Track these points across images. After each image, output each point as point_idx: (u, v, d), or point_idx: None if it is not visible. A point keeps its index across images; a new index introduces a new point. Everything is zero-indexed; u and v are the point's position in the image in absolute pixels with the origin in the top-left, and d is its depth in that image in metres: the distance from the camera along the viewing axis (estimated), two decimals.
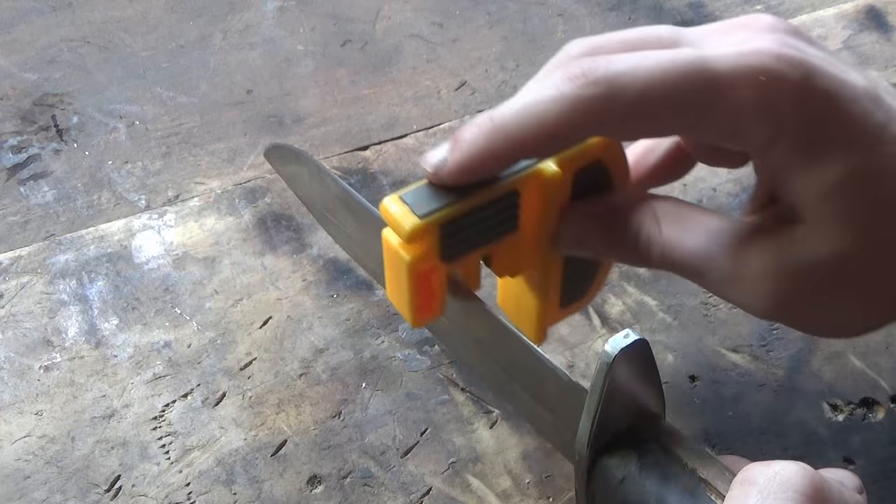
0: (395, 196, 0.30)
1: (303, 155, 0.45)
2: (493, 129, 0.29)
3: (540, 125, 0.28)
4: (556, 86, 0.28)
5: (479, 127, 0.29)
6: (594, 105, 0.27)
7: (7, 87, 0.55)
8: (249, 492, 0.39)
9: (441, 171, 0.29)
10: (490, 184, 0.30)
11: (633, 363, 0.31)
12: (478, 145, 0.29)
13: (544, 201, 0.32)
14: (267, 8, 0.60)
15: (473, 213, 0.30)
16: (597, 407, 0.31)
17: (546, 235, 0.33)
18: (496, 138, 0.29)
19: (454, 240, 0.31)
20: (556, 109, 0.28)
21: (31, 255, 0.47)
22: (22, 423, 0.41)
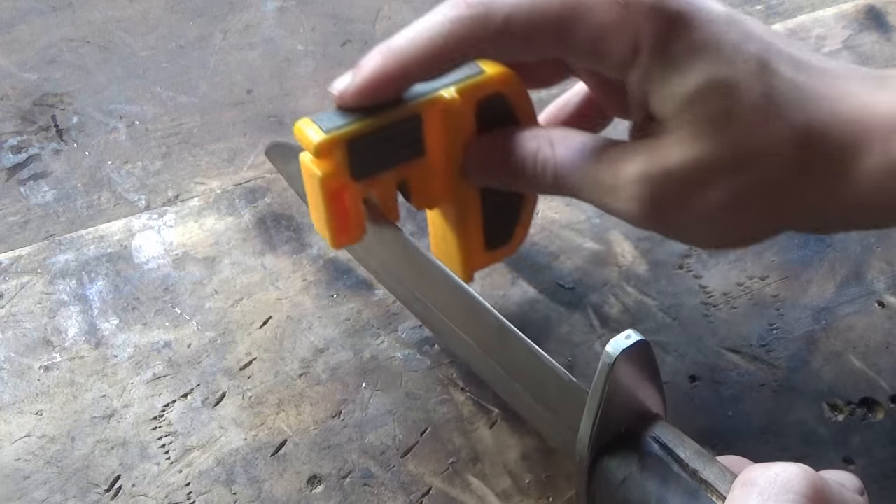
0: (306, 118, 0.33)
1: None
2: (390, 52, 0.33)
3: (427, 45, 0.32)
4: (441, 11, 0.33)
5: (378, 52, 0.33)
6: (471, 24, 0.32)
7: (7, 87, 0.55)
8: (249, 492, 0.39)
9: (345, 94, 0.33)
10: (394, 107, 0.34)
11: (635, 364, 0.31)
12: (375, 68, 0.33)
13: (448, 128, 0.35)
14: (267, 8, 0.60)
15: (378, 133, 0.34)
16: (598, 407, 0.31)
17: (455, 165, 0.36)
18: (391, 61, 0.33)
19: (362, 157, 0.34)
20: (439, 30, 0.32)
21: (31, 255, 0.47)
22: (22, 423, 0.41)
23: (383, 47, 0.33)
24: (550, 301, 0.45)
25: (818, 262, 0.46)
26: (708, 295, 0.45)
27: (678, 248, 0.47)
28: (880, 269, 0.46)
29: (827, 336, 0.43)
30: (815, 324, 0.44)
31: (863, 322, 0.44)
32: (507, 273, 0.46)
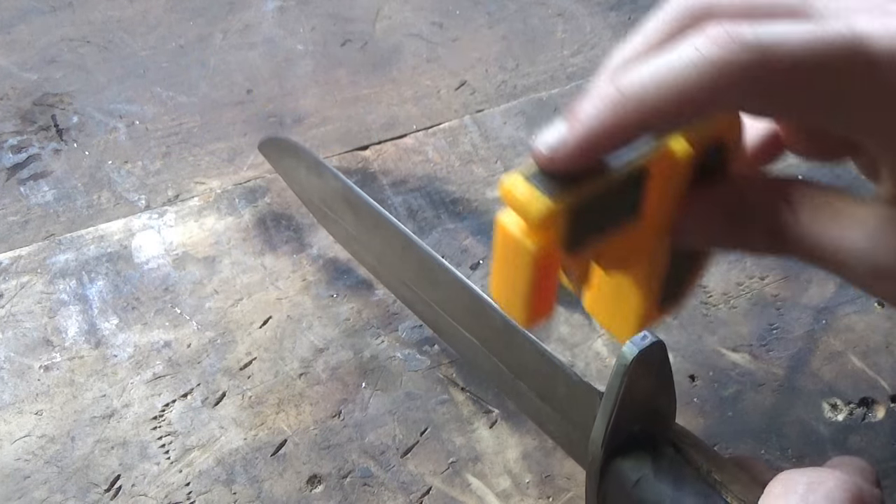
0: (518, 175, 0.27)
1: (301, 148, 0.45)
2: (623, 98, 0.25)
3: (679, 93, 0.25)
4: (698, 48, 0.25)
5: (603, 98, 0.25)
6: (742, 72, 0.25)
7: (7, 87, 0.55)
8: (249, 491, 0.39)
9: (559, 153, 0.26)
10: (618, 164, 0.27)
11: (649, 364, 0.31)
12: (602, 119, 0.25)
13: (670, 184, 0.29)
14: (267, 8, 0.60)
15: (602, 196, 0.27)
16: (613, 408, 0.31)
17: (665, 226, 0.30)
18: (626, 109, 0.25)
19: (581, 226, 0.27)
20: (699, 74, 0.25)
21: (31, 255, 0.47)
22: (22, 422, 0.41)
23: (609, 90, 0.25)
24: None
25: None
26: (708, 295, 0.45)
27: None
28: None
29: (827, 336, 0.43)
30: (815, 324, 0.44)
31: (863, 322, 0.44)
32: None
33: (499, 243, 0.28)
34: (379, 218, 0.39)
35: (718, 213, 0.30)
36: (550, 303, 0.30)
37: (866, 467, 0.31)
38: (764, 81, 0.25)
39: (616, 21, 0.59)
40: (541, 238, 0.27)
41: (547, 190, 0.26)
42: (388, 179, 0.50)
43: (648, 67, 0.25)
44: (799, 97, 0.26)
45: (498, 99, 0.54)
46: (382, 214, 0.39)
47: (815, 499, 0.26)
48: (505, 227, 0.28)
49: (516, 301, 0.29)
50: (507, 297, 0.30)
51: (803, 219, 0.28)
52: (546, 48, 0.57)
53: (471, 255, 0.47)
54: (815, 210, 0.28)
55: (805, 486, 0.27)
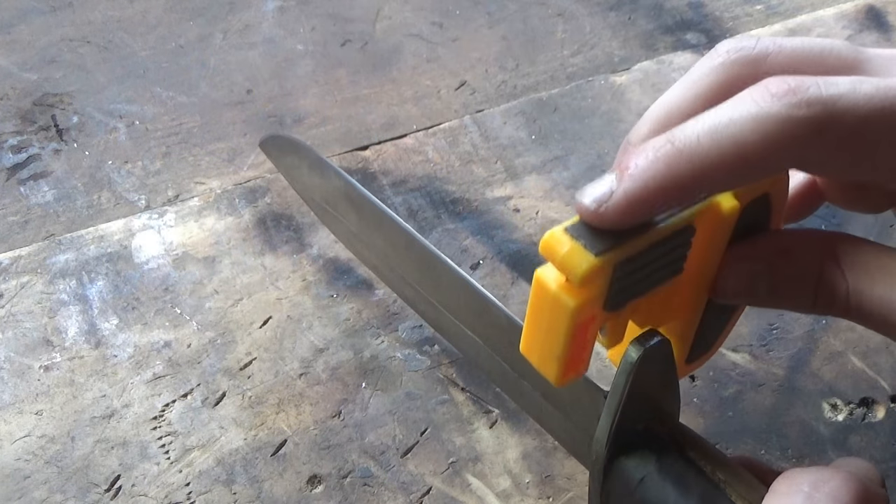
0: (561, 229, 0.26)
1: (302, 146, 0.45)
2: (677, 153, 0.24)
3: (738, 150, 0.23)
4: (758, 103, 0.24)
5: (657, 152, 0.24)
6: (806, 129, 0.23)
7: (7, 87, 0.55)
8: (249, 492, 0.39)
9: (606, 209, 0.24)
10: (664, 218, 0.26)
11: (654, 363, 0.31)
12: (655, 175, 0.24)
13: (714, 240, 0.28)
14: (267, 8, 0.60)
15: (647, 253, 0.26)
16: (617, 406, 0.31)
17: (706, 281, 0.29)
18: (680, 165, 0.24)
19: (623, 284, 0.26)
20: (760, 131, 0.23)
21: (31, 255, 0.47)
22: (22, 422, 0.41)
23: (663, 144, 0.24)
24: None
25: None
26: None
27: None
28: None
29: (827, 336, 0.43)
30: (815, 324, 0.44)
31: None
32: (507, 273, 0.46)
33: (535, 298, 0.27)
34: (382, 216, 0.39)
35: (762, 269, 0.28)
36: (585, 361, 0.28)
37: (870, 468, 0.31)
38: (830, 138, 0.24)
39: (616, 21, 0.59)
40: (581, 295, 0.26)
41: (591, 245, 0.25)
42: (388, 179, 0.50)
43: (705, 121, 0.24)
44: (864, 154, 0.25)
45: (498, 99, 0.54)
46: (385, 212, 0.39)
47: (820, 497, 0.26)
48: (544, 282, 0.26)
49: (550, 359, 0.28)
50: (540, 354, 0.28)
51: (851, 277, 0.27)
52: (546, 48, 0.57)
53: (471, 256, 0.47)
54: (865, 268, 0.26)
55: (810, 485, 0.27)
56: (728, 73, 0.27)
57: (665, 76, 0.55)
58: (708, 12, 0.59)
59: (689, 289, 0.29)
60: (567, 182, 0.50)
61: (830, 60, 0.27)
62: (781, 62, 0.27)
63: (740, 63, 0.27)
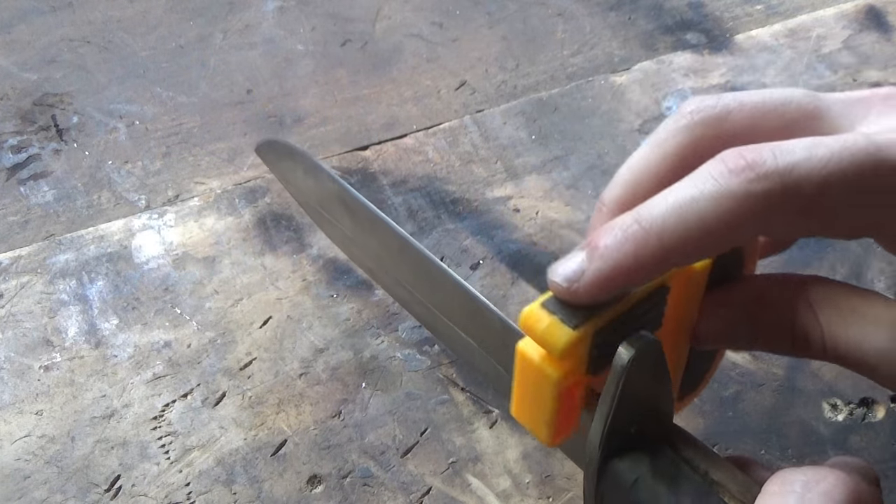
0: (538, 305, 0.26)
1: (297, 151, 0.45)
2: (644, 233, 0.25)
3: (702, 226, 0.24)
4: (717, 180, 0.24)
5: (625, 232, 0.25)
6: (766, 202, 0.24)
7: (7, 87, 0.55)
8: (249, 492, 0.39)
9: (578, 287, 0.25)
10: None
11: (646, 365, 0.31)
12: (624, 254, 0.25)
13: (689, 294, 0.29)
14: (267, 8, 0.60)
15: (625, 318, 0.27)
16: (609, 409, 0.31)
17: (685, 331, 0.30)
18: (648, 245, 0.25)
19: (604, 349, 0.27)
20: (722, 208, 0.24)
21: (31, 255, 0.47)
22: (22, 422, 0.41)
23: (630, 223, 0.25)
24: None
25: (818, 262, 0.46)
26: None
27: None
28: (880, 269, 0.46)
29: None
30: None
31: None
32: (507, 273, 0.46)
33: (520, 369, 0.28)
34: (376, 220, 0.39)
35: (738, 315, 0.29)
36: (573, 421, 0.29)
37: (865, 467, 0.31)
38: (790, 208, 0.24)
39: (616, 21, 0.59)
40: (563, 367, 0.27)
41: (567, 319, 0.26)
42: (388, 179, 0.50)
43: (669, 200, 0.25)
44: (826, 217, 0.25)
45: (498, 99, 0.54)
46: (379, 216, 0.39)
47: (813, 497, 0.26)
48: (527, 355, 0.27)
49: (540, 423, 0.29)
50: (530, 418, 0.29)
51: (825, 319, 0.27)
52: (546, 48, 0.57)
53: (471, 256, 0.47)
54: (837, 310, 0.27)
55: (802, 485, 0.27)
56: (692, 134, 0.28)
57: (665, 76, 0.55)
58: (708, 12, 0.59)
59: (671, 339, 0.30)
60: (567, 182, 0.50)
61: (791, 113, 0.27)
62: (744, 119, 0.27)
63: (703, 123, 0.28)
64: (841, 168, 0.24)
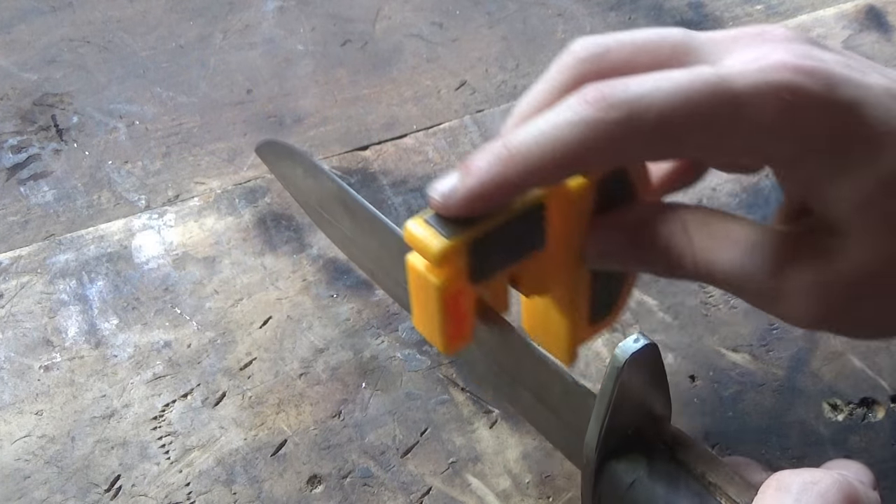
0: (419, 218, 0.29)
1: (296, 151, 0.45)
2: (509, 156, 0.27)
3: (558, 151, 0.27)
4: (575, 110, 0.27)
5: (493, 154, 0.28)
6: (615, 129, 0.27)
7: (7, 87, 0.55)
8: (249, 492, 0.39)
9: (450, 201, 0.28)
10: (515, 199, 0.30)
11: (643, 367, 0.31)
12: (491, 173, 0.28)
13: (570, 214, 0.31)
14: (267, 8, 0.60)
15: (501, 231, 0.29)
16: (606, 411, 0.31)
17: (574, 251, 0.32)
18: (512, 165, 0.27)
19: (483, 259, 0.30)
20: (576, 134, 0.27)
21: (31, 255, 0.47)
22: (22, 423, 0.41)
23: (499, 148, 0.28)
24: None
25: None
26: (708, 295, 0.45)
27: None
28: None
29: (827, 336, 0.43)
30: None
31: None
32: None
33: (411, 282, 0.31)
34: (375, 221, 0.39)
35: (620, 236, 0.31)
36: (466, 329, 0.32)
37: (863, 470, 0.31)
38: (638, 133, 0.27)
39: (616, 21, 0.59)
40: (443, 273, 0.29)
41: (443, 230, 0.28)
42: (388, 179, 0.50)
43: (532, 127, 0.28)
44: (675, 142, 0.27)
45: (498, 99, 0.54)
46: (378, 217, 0.39)
47: (809, 499, 0.26)
48: (413, 266, 0.30)
49: (434, 330, 0.31)
50: (426, 327, 0.32)
51: (696, 241, 0.30)
52: (546, 48, 0.57)
53: None
54: (710, 234, 0.30)
55: (799, 487, 0.27)
56: (576, 71, 0.30)
57: None
58: (708, 12, 0.59)
59: (561, 259, 0.32)
60: None
61: (664, 50, 0.29)
62: (622, 56, 0.30)
63: (586, 61, 0.30)
64: (681, 98, 0.26)
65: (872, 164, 0.27)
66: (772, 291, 0.29)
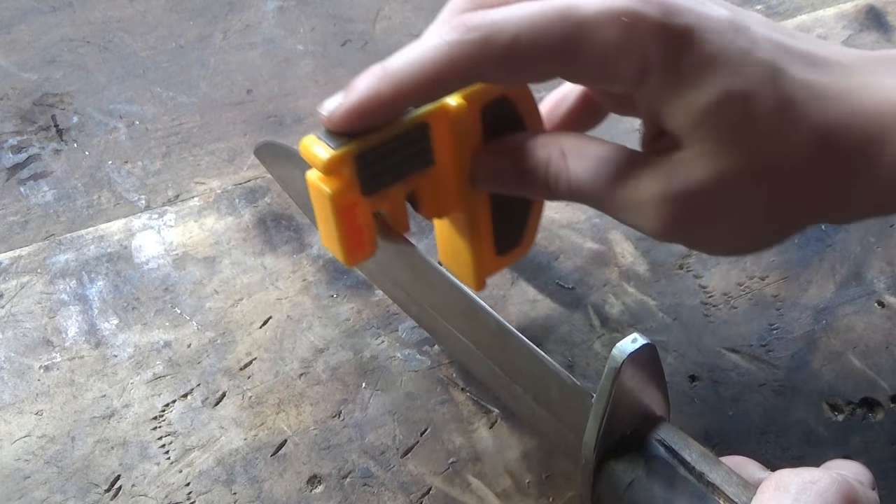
0: (312, 135, 0.32)
1: (294, 153, 0.45)
2: (385, 75, 0.31)
3: (426, 70, 0.31)
4: (439, 34, 0.31)
5: (372, 74, 0.31)
6: (472, 50, 0.30)
7: (7, 87, 0.55)
8: (249, 492, 0.39)
9: (334, 116, 0.31)
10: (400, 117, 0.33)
11: (641, 367, 0.31)
12: (369, 91, 0.31)
13: (455, 135, 0.34)
14: (267, 8, 0.60)
15: (386, 145, 0.32)
16: (604, 411, 0.31)
17: (464, 173, 0.35)
18: (386, 84, 0.31)
19: (371, 172, 0.33)
20: (439, 55, 0.30)
21: (31, 255, 0.47)
22: (22, 423, 0.41)
23: (377, 69, 0.31)
24: (550, 301, 0.45)
25: (818, 262, 0.46)
26: (708, 295, 0.45)
27: (678, 249, 0.47)
28: (880, 269, 0.46)
29: (827, 336, 0.43)
30: (815, 324, 0.44)
31: (863, 322, 0.44)
32: (507, 273, 0.46)
33: (312, 197, 0.33)
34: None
35: (505, 161, 0.35)
36: (365, 242, 0.35)
37: (862, 469, 0.31)
38: (493, 55, 0.30)
39: None
40: (334, 183, 0.32)
41: (331, 143, 0.32)
42: None
43: (406, 50, 0.31)
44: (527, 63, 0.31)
45: None
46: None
47: (808, 498, 0.27)
48: (310, 180, 0.33)
49: (335, 243, 0.34)
50: (328, 241, 0.35)
51: (573, 165, 0.33)
52: None
53: None
54: (583, 157, 0.33)
55: (797, 486, 0.27)
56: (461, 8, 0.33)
57: None
58: None
59: (453, 179, 0.35)
60: None
61: None
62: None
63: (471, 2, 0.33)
64: (531, 21, 0.30)
65: (707, 85, 0.30)
66: (626, 203, 0.32)
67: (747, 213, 0.32)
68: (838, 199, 0.32)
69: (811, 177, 0.31)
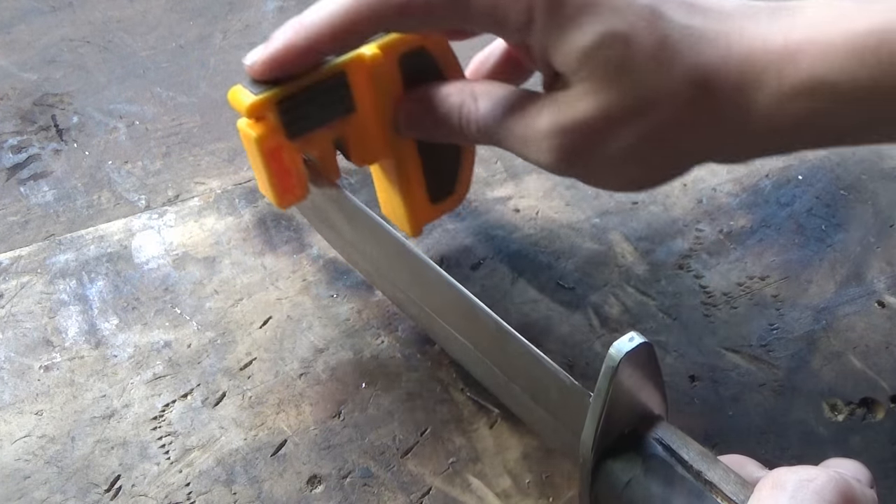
0: (239, 85, 0.35)
1: None
2: (301, 27, 0.34)
3: (334, 22, 0.34)
4: None
5: (289, 27, 0.34)
6: (374, 1, 0.33)
7: (7, 87, 0.55)
8: (249, 492, 0.39)
9: (256, 65, 0.35)
10: (320, 66, 0.35)
11: (638, 366, 0.31)
12: (286, 41, 0.34)
13: (374, 83, 0.37)
14: (267, 8, 0.60)
15: (307, 92, 0.35)
16: (601, 410, 0.31)
17: (387, 120, 0.38)
18: (301, 34, 0.34)
19: (294, 116, 0.35)
20: (345, 8, 0.33)
21: (31, 255, 0.47)
22: (22, 423, 0.41)
23: (294, 22, 0.34)
24: (550, 301, 0.45)
25: (818, 262, 0.46)
26: (708, 295, 0.45)
27: (678, 248, 0.47)
28: (880, 269, 0.46)
29: (827, 336, 0.43)
30: (815, 324, 0.44)
31: (863, 322, 0.44)
32: (508, 273, 0.46)
33: (244, 144, 0.36)
34: (373, 224, 0.39)
35: (422, 107, 0.37)
36: (295, 185, 0.37)
37: (860, 468, 0.31)
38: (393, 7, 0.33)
39: None
40: (259, 127, 0.35)
41: (254, 90, 0.34)
42: None
43: (320, 5, 0.34)
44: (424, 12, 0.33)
45: None
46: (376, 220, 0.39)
47: (805, 496, 0.27)
48: (239, 126, 0.35)
49: (267, 186, 0.37)
50: (263, 187, 0.37)
51: (483, 107, 0.36)
52: None
53: (471, 256, 0.47)
54: (492, 100, 0.36)
55: (795, 484, 0.27)
56: None
57: None
58: None
59: (377, 126, 0.38)
60: (567, 182, 0.50)
61: None
62: None
63: None
64: None
65: (588, 25, 0.32)
66: (524, 138, 0.35)
67: (631, 148, 0.33)
68: (719, 140, 0.34)
69: (689, 116, 0.33)
